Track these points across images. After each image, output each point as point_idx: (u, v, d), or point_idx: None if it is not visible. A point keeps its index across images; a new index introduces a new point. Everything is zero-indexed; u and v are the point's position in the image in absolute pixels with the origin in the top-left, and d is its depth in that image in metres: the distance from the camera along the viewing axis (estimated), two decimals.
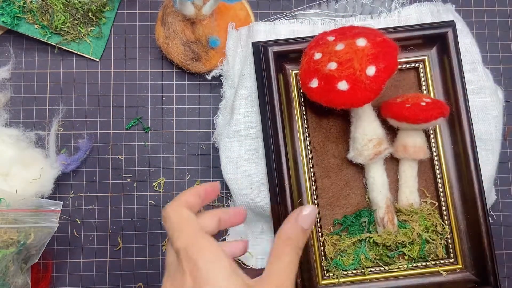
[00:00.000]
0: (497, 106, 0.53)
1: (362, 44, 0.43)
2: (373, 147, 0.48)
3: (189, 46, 0.55)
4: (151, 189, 0.57)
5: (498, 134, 0.53)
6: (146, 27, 0.59)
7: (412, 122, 0.47)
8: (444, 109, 0.47)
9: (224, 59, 0.56)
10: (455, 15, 0.55)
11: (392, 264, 0.50)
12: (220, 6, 0.56)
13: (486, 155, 0.53)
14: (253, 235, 0.56)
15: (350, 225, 0.51)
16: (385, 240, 0.50)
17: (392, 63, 0.43)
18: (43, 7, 0.56)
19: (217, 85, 0.58)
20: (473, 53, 0.54)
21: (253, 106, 0.54)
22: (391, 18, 0.55)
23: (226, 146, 0.53)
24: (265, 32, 0.54)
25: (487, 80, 0.53)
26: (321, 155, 0.53)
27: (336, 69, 0.43)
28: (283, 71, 0.52)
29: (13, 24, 0.56)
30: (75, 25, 0.57)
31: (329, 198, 0.52)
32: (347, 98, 0.43)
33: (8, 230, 0.50)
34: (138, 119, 0.58)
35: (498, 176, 0.57)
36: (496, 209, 0.57)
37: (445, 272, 0.50)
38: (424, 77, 0.52)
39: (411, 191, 0.51)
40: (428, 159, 0.52)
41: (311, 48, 0.47)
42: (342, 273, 0.50)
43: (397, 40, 0.47)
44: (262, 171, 0.52)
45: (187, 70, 0.57)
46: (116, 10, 0.59)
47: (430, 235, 0.50)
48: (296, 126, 0.52)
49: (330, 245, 0.51)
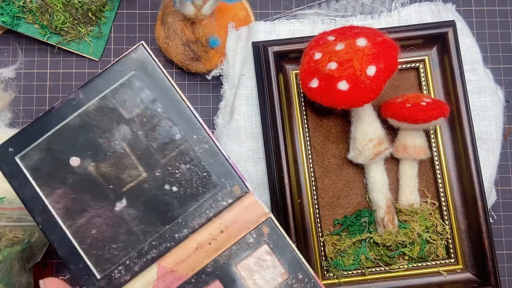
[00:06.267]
0: (497, 106, 0.53)
1: (362, 44, 0.43)
2: (374, 147, 0.48)
3: (189, 46, 0.55)
4: None
5: (498, 134, 0.53)
6: (146, 27, 0.59)
7: (413, 122, 0.47)
8: (444, 109, 0.47)
9: (224, 59, 0.56)
10: (456, 15, 0.55)
11: (393, 264, 0.50)
12: (220, 6, 0.56)
13: (487, 155, 0.53)
14: None
15: (351, 225, 0.51)
16: (386, 240, 0.49)
17: (392, 63, 0.43)
18: (43, 7, 0.56)
19: (217, 85, 0.58)
20: (474, 53, 0.54)
21: (253, 106, 0.54)
22: (391, 18, 0.55)
23: (226, 146, 0.53)
24: (265, 32, 0.54)
25: (487, 80, 0.53)
26: (321, 155, 0.53)
27: (336, 69, 0.43)
28: (283, 71, 0.52)
29: (12, 24, 0.56)
30: (75, 25, 0.57)
31: (329, 198, 0.52)
32: (347, 98, 0.43)
33: (13, 228, 0.50)
34: None
35: (498, 176, 0.57)
36: (497, 209, 0.57)
37: (446, 272, 0.50)
38: (425, 77, 0.52)
39: (411, 191, 0.51)
40: (428, 159, 0.52)
41: (311, 48, 0.47)
42: (342, 273, 0.50)
43: (397, 40, 0.46)
44: (262, 171, 0.52)
45: (187, 70, 0.57)
46: (116, 10, 0.59)
47: (430, 235, 0.50)
48: (296, 126, 0.52)
49: (330, 245, 0.51)
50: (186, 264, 0.42)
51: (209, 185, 0.42)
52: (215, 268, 0.41)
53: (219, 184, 0.42)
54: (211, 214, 0.42)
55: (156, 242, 0.42)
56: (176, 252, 0.42)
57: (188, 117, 0.43)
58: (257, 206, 0.42)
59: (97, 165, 0.42)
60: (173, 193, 0.42)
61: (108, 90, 0.42)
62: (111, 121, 0.42)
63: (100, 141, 0.42)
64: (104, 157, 0.42)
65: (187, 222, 0.42)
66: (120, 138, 0.42)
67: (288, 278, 0.40)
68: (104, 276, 0.41)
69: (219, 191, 0.42)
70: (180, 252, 0.42)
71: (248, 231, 0.42)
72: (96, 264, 0.41)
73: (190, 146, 0.42)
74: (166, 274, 0.41)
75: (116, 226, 0.42)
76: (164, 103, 0.42)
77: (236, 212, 0.42)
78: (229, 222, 0.42)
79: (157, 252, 0.42)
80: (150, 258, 0.42)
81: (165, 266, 0.41)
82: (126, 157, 0.42)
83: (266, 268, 0.41)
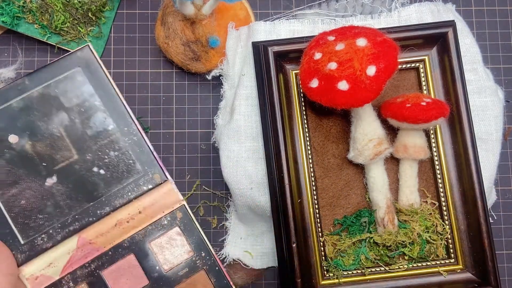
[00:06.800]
0: (497, 106, 0.53)
1: (362, 44, 0.43)
2: (374, 147, 0.48)
3: (189, 46, 0.55)
4: None
5: (498, 134, 0.53)
6: (146, 27, 0.59)
7: (413, 122, 0.47)
8: (444, 109, 0.47)
9: (224, 59, 0.56)
10: (456, 15, 0.55)
11: (393, 264, 0.50)
12: (220, 6, 0.56)
13: (487, 155, 0.53)
14: (253, 235, 0.56)
15: (351, 225, 0.51)
16: (386, 240, 0.49)
17: (392, 63, 0.43)
18: (43, 7, 0.56)
19: (217, 85, 0.58)
20: (474, 53, 0.54)
21: (253, 106, 0.54)
22: (391, 18, 0.55)
23: (226, 146, 0.53)
24: (265, 32, 0.54)
25: (487, 80, 0.53)
26: (321, 155, 0.53)
27: (336, 69, 0.43)
28: (283, 71, 0.52)
29: (12, 24, 0.56)
30: (74, 25, 0.57)
31: (329, 198, 0.52)
32: (347, 98, 0.43)
33: None
34: (138, 119, 0.58)
35: (498, 176, 0.57)
36: (497, 209, 0.57)
37: (446, 272, 0.50)
38: (425, 77, 0.52)
39: (411, 191, 0.51)
40: (428, 159, 0.52)
41: (311, 48, 0.47)
42: (342, 273, 0.50)
43: (397, 40, 0.47)
44: (262, 171, 0.52)
45: (187, 70, 0.57)
46: (116, 10, 0.59)
47: (430, 235, 0.50)
48: (296, 126, 0.52)
49: (330, 245, 0.51)
50: (105, 238, 0.47)
51: (133, 171, 0.48)
52: (131, 243, 0.47)
53: (142, 171, 0.48)
54: (132, 196, 0.48)
55: (79, 216, 0.47)
56: (96, 226, 0.47)
57: (122, 112, 0.49)
58: (173, 193, 0.48)
59: (34, 144, 0.47)
60: (101, 175, 0.48)
61: (53, 80, 0.48)
62: (51, 107, 0.47)
63: (39, 124, 0.47)
64: (41, 138, 0.47)
65: (110, 201, 0.48)
66: (58, 123, 0.47)
67: (193, 255, 0.48)
68: (27, 241, 0.46)
69: (142, 177, 0.48)
70: (101, 227, 0.47)
71: (163, 214, 0.48)
72: (21, 231, 0.46)
73: (120, 136, 0.48)
74: (85, 245, 0.47)
75: (45, 199, 0.47)
76: (102, 97, 0.48)
77: (155, 197, 0.48)
78: (147, 205, 0.48)
79: (79, 225, 0.47)
80: (72, 230, 0.47)
81: (85, 238, 0.46)
82: (61, 140, 0.47)
83: (176, 246, 0.48)
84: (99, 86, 0.48)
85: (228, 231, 0.56)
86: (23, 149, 0.47)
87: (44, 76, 0.48)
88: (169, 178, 0.48)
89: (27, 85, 0.48)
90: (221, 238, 0.56)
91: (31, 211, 0.46)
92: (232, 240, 0.55)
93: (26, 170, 0.47)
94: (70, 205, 0.47)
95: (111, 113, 0.48)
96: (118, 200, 0.48)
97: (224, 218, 0.57)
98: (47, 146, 0.47)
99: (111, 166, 0.48)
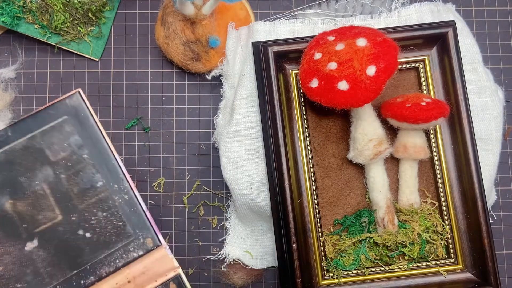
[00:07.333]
0: (497, 106, 0.53)
1: (362, 44, 0.43)
2: (374, 147, 0.48)
3: (189, 46, 0.55)
4: (151, 189, 0.57)
5: (498, 134, 0.53)
6: (146, 27, 0.59)
7: (412, 122, 0.47)
8: (444, 109, 0.47)
9: (224, 59, 0.56)
10: (456, 15, 0.55)
11: (392, 264, 0.50)
12: (220, 6, 0.56)
13: (487, 155, 0.53)
14: (253, 235, 0.56)
15: (350, 225, 0.51)
16: (386, 240, 0.49)
17: (392, 63, 0.43)
18: (43, 7, 0.56)
19: (217, 85, 0.58)
20: (474, 53, 0.54)
21: (253, 106, 0.54)
22: (391, 18, 0.55)
23: (226, 146, 0.53)
24: (265, 32, 0.54)
25: (487, 80, 0.53)
26: (321, 155, 0.53)
27: (336, 69, 0.43)
28: (283, 71, 0.52)
29: (12, 24, 0.56)
30: (74, 25, 0.57)
31: (329, 198, 0.52)
32: (347, 98, 0.43)
33: None
34: (138, 119, 0.58)
35: (498, 176, 0.57)
36: (497, 209, 0.57)
37: (446, 272, 0.50)
38: (424, 77, 0.52)
39: (411, 191, 0.51)
40: (428, 159, 0.52)
41: (311, 48, 0.47)
42: (342, 273, 0.50)
43: (397, 40, 0.47)
44: (262, 171, 0.52)
45: (187, 70, 0.57)
46: (116, 10, 0.59)
47: (430, 235, 0.50)
48: (296, 126, 0.52)
49: (330, 245, 0.51)
50: None
51: (123, 234, 0.43)
52: None
53: (133, 235, 0.43)
54: (120, 264, 0.43)
55: (60, 286, 0.42)
56: None
57: (112, 166, 0.44)
58: (167, 260, 0.43)
59: (14, 202, 0.42)
60: (86, 239, 0.43)
61: (38, 131, 0.43)
62: (35, 162, 0.43)
63: (21, 180, 0.43)
64: (22, 196, 0.42)
65: (96, 269, 0.42)
66: (42, 179, 0.43)
67: None
68: None
69: (132, 241, 0.43)
70: None
71: (156, 284, 0.42)
72: None
73: (109, 195, 0.43)
74: None
75: (24, 265, 0.42)
76: (91, 150, 0.44)
77: (146, 264, 0.43)
78: (137, 273, 0.43)
79: None
80: None
81: None
82: (44, 198, 0.43)
83: None
84: (89, 137, 0.44)
85: (228, 231, 0.56)
86: (2, 208, 0.42)
87: (29, 126, 0.43)
88: (163, 243, 0.43)
89: (9, 136, 0.43)
90: (221, 238, 0.56)
91: (9, 280, 0.42)
92: (232, 240, 0.56)
93: (4, 232, 0.42)
94: (51, 273, 0.42)
95: (101, 167, 0.44)
96: (104, 268, 0.42)
97: (224, 218, 0.57)
98: (29, 206, 0.42)
99: (98, 228, 0.43)
